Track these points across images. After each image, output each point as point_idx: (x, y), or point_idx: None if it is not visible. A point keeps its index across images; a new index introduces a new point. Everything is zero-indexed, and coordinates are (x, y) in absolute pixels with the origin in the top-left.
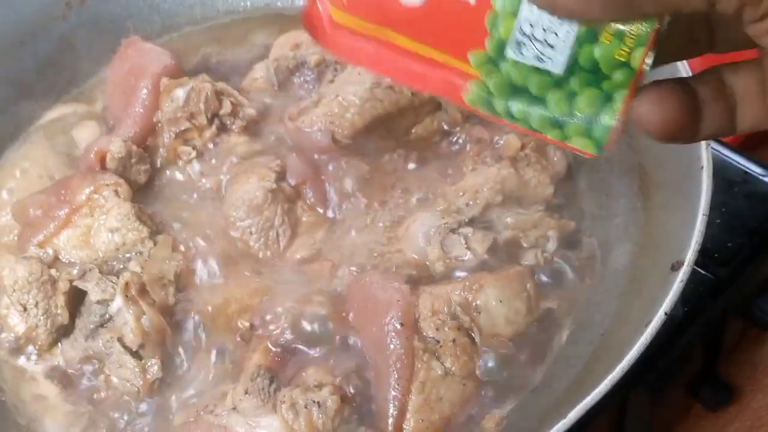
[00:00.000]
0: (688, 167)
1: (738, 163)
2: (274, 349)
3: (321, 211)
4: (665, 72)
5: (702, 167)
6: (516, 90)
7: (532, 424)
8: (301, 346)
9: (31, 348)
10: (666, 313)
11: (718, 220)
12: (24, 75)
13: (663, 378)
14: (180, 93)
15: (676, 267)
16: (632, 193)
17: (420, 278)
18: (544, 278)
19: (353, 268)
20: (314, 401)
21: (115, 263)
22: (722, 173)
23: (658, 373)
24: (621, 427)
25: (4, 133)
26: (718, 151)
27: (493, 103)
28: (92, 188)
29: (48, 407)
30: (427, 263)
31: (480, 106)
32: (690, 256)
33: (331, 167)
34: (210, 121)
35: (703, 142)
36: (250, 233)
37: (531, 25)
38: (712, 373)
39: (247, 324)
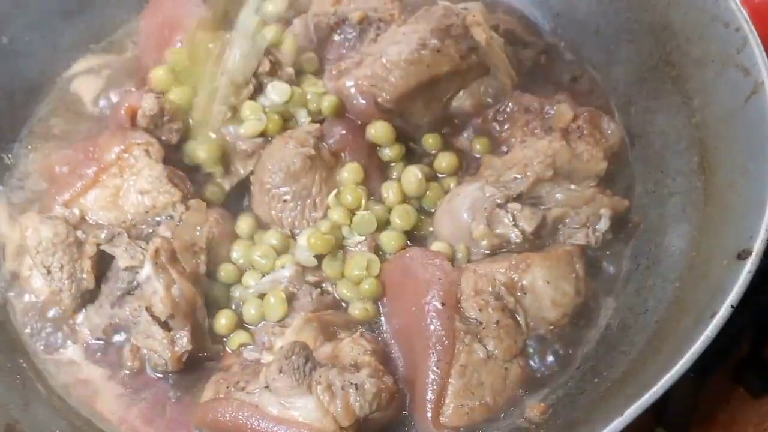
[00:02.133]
0: (756, 147)
1: None
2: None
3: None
4: None
5: None
6: None
7: (580, 413)
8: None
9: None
10: (733, 306)
11: None
12: (50, 20)
13: (709, 363)
14: (216, 48)
15: (743, 256)
16: (691, 171)
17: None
18: (593, 259)
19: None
20: (352, 383)
21: (144, 227)
22: None
23: (704, 358)
24: (663, 410)
25: (29, 88)
26: None
27: None
28: (122, 147)
29: (96, 391)
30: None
31: None
32: (759, 244)
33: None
34: (247, 80)
35: None
36: (285, 201)
37: None
38: (757, 359)
39: None
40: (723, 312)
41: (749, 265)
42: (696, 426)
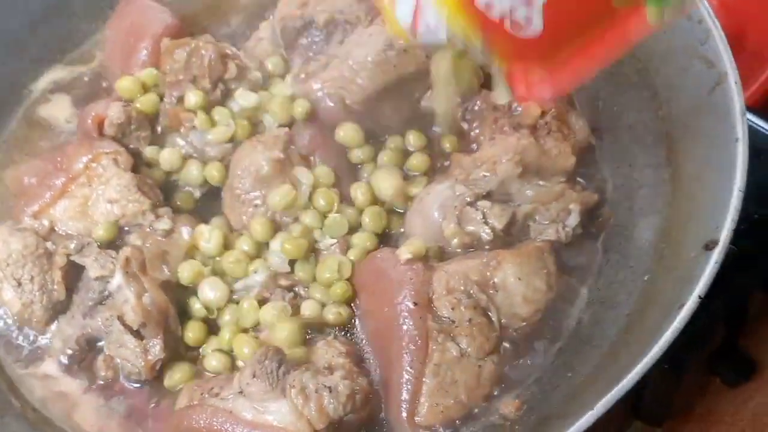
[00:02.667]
0: (721, 138)
1: (766, 130)
2: None
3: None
4: None
5: (737, 139)
6: None
7: (553, 408)
8: None
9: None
10: (700, 297)
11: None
12: (16, 34)
13: (683, 353)
14: (182, 55)
15: (710, 246)
16: (659, 164)
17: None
18: (564, 254)
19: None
20: (325, 386)
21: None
22: (749, 140)
23: (679, 349)
24: (640, 403)
25: (0, 96)
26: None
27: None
28: (90, 156)
29: (74, 404)
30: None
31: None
32: (725, 234)
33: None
34: (214, 85)
35: (738, 111)
36: (256, 206)
37: None
38: (732, 348)
39: None
40: (691, 303)
41: (716, 256)
42: (673, 417)
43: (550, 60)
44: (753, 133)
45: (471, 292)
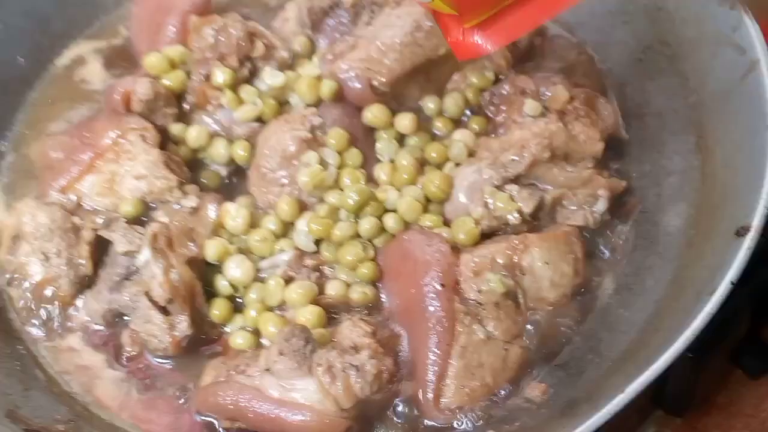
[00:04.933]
0: (753, 125)
1: None
2: None
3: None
4: None
5: None
6: None
7: (579, 393)
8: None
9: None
10: (732, 283)
11: None
12: (40, 8)
13: (707, 343)
14: (209, 32)
15: (741, 233)
16: (688, 151)
17: None
18: (591, 240)
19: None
20: (352, 365)
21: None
22: None
23: (703, 339)
24: (662, 392)
25: (22, 74)
26: None
27: None
28: (118, 132)
29: (96, 377)
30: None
31: None
32: (757, 221)
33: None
34: (242, 64)
35: None
36: (282, 185)
37: None
38: (756, 339)
39: None
40: (723, 288)
41: (748, 242)
42: (695, 408)
43: (492, 8)
44: None
45: (499, 275)
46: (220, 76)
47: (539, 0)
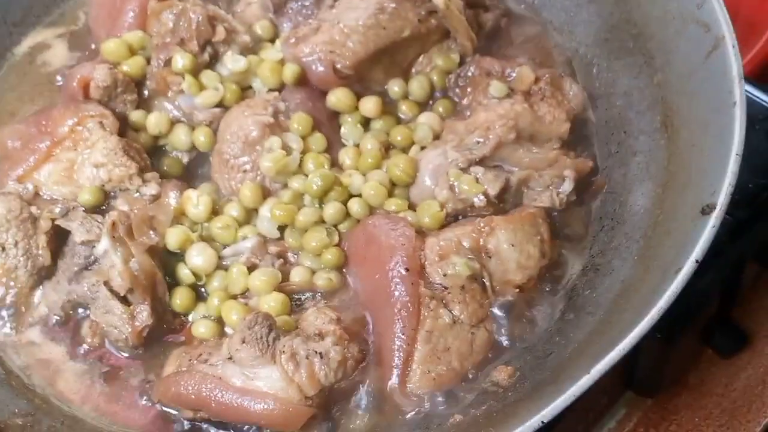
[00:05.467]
0: (718, 102)
1: (760, 99)
2: None
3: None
4: None
5: (735, 103)
6: None
7: (546, 375)
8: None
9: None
10: (697, 261)
11: None
12: None
13: (676, 324)
14: (169, 17)
15: (707, 211)
16: (654, 130)
17: None
18: (558, 221)
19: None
20: (316, 352)
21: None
22: None
23: (672, 319)
24: (632, 373)
25: None
26: None
27: None
28: (76, 119)
29: (57, 371)
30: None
31: None
32: (722, 198)
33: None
34: (202, 48)
35: (736, 75)
36: (245, 171)
37: None
38: (726, 319)
39: None
40: (688, 267)
41: (713, 220)
42: (665, 389)
43: None
44: (747, 103)
45: (464, 258)
46: (180, 61)
47: None
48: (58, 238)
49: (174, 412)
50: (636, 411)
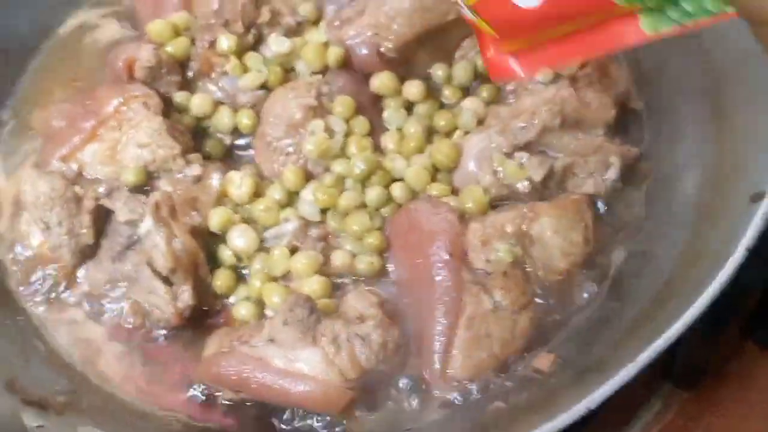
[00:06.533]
0: None
1: None
2: None
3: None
4: None
5: None
6: None
7: (589, 363)
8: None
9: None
10: (748, 249)
11: None
12: None
13: (719, 316)
14: None
15: (756, 198)
16: (703, 117)
17: None
18: (603, 208)
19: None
20: (357, 335)
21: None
22: None
23: (714, 309)
24: (671, 364)
25: (25, 43)
26: None
27: (668, 15)
28: (120, 100)
29: (98, 351)
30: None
31: (659, 26)
32: None
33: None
34: (247, 30)
35: None
36: (287, 154)
37: None
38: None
39: None
40: (738, 255)
41: (764, 207)
42: (705, 381)
43: (534, 38)
44: None
45: (507, 244)
46: (225, 42)
47: (584, 37)
48: (102, 217)
49: (215, 393)
50: (674, 404)
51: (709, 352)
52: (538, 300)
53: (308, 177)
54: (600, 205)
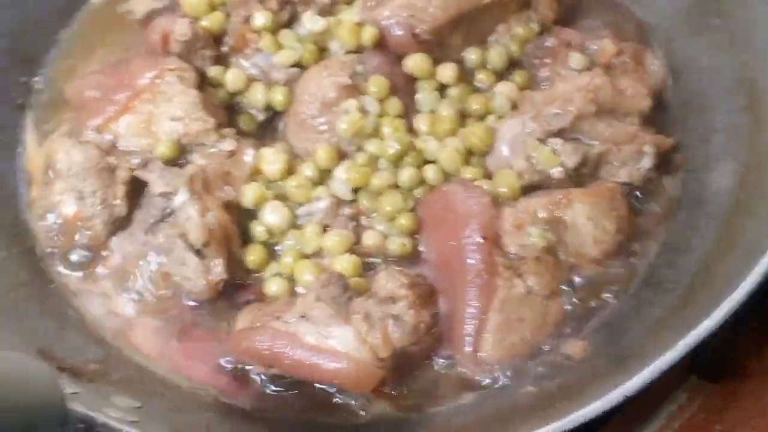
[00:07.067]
0: None
1: None
2: None
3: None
4: None
5: None
6: None
7: (623, 351)
8: None
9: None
10: None
11: None
12: None
13: (747, 307)
14: None
15: None
16: (738, 109)
17: None
18: (636, 196)
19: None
20: (390, 314)
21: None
22: None
23: (743, 302)
24: (697, 356)
25: (58, 12)
26: None
27: None
28: (155, 72)
29: (131, 325)
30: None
31: None
32: None
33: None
34: (282, 7)
35: None
36: (320, 132)
37: None
38: None
39: None
40: None
41: None
42: (730, 375)
43: None
44: None
45: (540, 229)
46: (260, 18)
47: None
48: (135, 189)
49: (247, 366)
50: (698, 396)
51: (735, 344)
52: (570, 286)
53: (341, 156)
54: (633, 193)
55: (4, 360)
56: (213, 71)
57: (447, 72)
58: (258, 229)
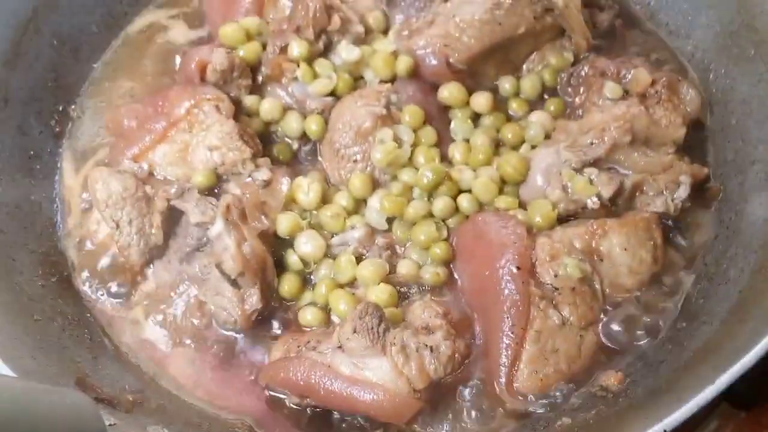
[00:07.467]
0: None
1: None
2: None
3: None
4: None
5: None
6: None
7: (660, 384)
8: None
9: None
10: None
11: None
12: None
13: None
14: (286, 3)
15: None
16: None
17: None
18: (671, 227)
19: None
20: (426, 345)
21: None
22: None
23: None
24: (731, 385)
25: (94, 41)
26: None
27: None
28: (192, 102)
29: (165, 354)
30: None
31: None
32: None
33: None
34: (317, 37)
35: None
36: (354, 161)
37: None
38: None
39: None
40: None
41: None
42: (761, 403)
43: None
44: None
45: (575, 260)
46: (296, 48)
47: None
48: (172, 218)
49: (282, 396)
50: (729, 423)
51: (766, 373)
52: (605, 317)
53: (375, 185)
54: (669, 224)
55: (51, 394)
56: (249, 100)
57: (481, 101)
58: (292, 259)
